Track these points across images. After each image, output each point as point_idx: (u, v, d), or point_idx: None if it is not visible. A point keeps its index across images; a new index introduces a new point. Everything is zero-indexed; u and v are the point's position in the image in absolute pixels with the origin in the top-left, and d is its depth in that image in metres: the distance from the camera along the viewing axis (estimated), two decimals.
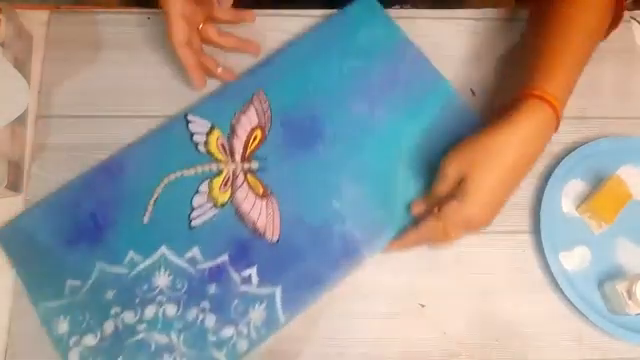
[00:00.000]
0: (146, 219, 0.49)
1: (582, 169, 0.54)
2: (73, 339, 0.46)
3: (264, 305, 0.47)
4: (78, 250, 0.48)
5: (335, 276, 0.48)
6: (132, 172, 0.50)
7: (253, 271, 0.48)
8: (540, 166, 0.55)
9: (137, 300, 0.47)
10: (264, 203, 0.50)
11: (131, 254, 0.48)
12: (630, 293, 0.47)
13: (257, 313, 0.47)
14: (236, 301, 0.47)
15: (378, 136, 0.52)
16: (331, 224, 0.49)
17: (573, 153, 0.54)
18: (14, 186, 0.50)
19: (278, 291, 0.47)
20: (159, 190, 0.50)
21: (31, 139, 0.53)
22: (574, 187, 0.53)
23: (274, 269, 0.48)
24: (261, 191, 0.50)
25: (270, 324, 0.47)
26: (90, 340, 0.46)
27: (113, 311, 0.47)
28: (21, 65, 0.53)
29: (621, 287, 0.48)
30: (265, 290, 0.48)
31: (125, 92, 0.54)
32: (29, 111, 0.53)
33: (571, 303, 0.49)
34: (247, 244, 0.49)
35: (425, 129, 0.52)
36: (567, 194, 0.53)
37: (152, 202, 0.49)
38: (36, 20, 0.56)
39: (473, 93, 0.57)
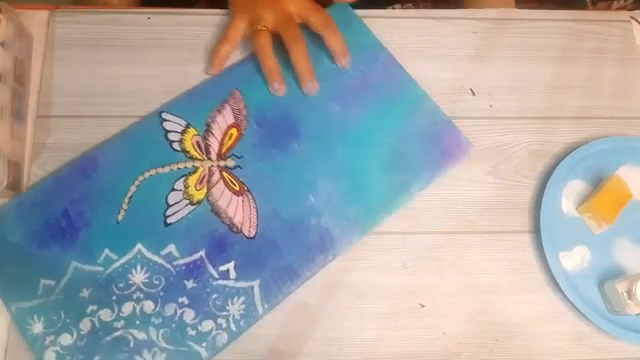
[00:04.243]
0: (120, 217, 0.49)
1: (582, 169, 0.54)
2: (48, 339, 0.45)
3: (242, 299, 0.47)
4: (51, 249, 0.47)
5: (312, 269, 0.49)
6: (106, 170, 0.50)
7: (231, 266, 0.48)
8: (540, 166, 0.55)
9: (114, 297, 0.47)
10: (240, 200, 0.50)
11: (106, 252, 0.48)
12: (630, 293, 0.47)
13: (236, 307, 0.47)
14: (214, 295, 0.47)
15: (351, 135, 0.53)
16: (307, 219, 0.50)
17: (573, 153, 0.54)
18: (14, 186, 0.49)
19: (256, 285, 0.48)
20: (133, 188, 0.50)
21: (31, 139, 0.53)
22: (574, 187, 0.53)
23: (252, 263, 0.48)
24: (237, 188, 0.51)
25: (249, 316, 0.47)
26: (66, 339, 0.45)
27: (89, 309, 0.46)
28: (21, 65, 0.53)
29: (621, 287, 0.48)
30: (243, 284, 0.48)
31: (125, 92, 0.54)
32: (29, 111, 0.53)
33: (571, 303, 0.49)
34: (224, 240, 0.49)
35: (396, 128, 0.53)
36: (567, 194, 0.53)
37: (127, 200, 0.49)
38: (36, 20, 0.56)
39: (473, 93, 0.57)
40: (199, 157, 0.52)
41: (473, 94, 0.57)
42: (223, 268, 0.48)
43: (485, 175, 0.54)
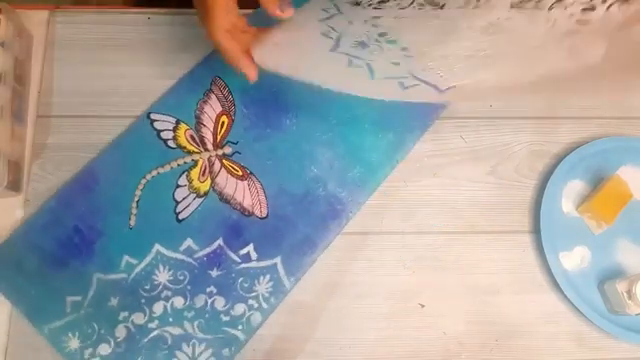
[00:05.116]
0: (132, 222, 0.49)
1: (582, 169, 0.54)
2: (87, 352, 0.46)
3: (268, 277, 0.49)
4: (70, 267, 0.48)
5: (328, 236, 0.50)
6: (107, 181, 0.50)
7: (250, 248, 0.49)
8: (540, 166, 0.55)
9: (142, 300, 0.47)
10: (246, 183, 0.51)
11: (126, 258, 0.48)
12: (630, 293, 0.47)
13: (263, 286, 0.48)
14: (240, 279, 0.48)
15: (339, 100, 0.53)
16: (314, 189, 0.51)
17: (573, 153, 0.54)
18: (14, 186, 0.50)
19: (278, 261, 0.49)
20: (139, 192, 0.50)
21: (31, 139, 0.53)
22: (574, 187, 0.53)
23: (270, 242, 0.50)
24: (240, 173, 0.51)
25: (278, 292, 0.48)
26: (105, 349, 0.46)
27: (121, 316, 0.47)
28: (21, 65, 0.53)
29: (621, 287, 0.48)
30: (266, 263, 0.49)
31: (125, 92, 0.54)
32: (29, 111, 0.53)
33: (571, 303, 0.49)
34: (238, 224, 0.50)
35: None
36: (567, 194, 0.53)
37: (134, 205, 0.50)
38: (36, 20, 0.56)
39: None
40: (196, 150, 0.52)
41: None
42: (243, 251, 0.49)
43: (485, 175, 0.54)
